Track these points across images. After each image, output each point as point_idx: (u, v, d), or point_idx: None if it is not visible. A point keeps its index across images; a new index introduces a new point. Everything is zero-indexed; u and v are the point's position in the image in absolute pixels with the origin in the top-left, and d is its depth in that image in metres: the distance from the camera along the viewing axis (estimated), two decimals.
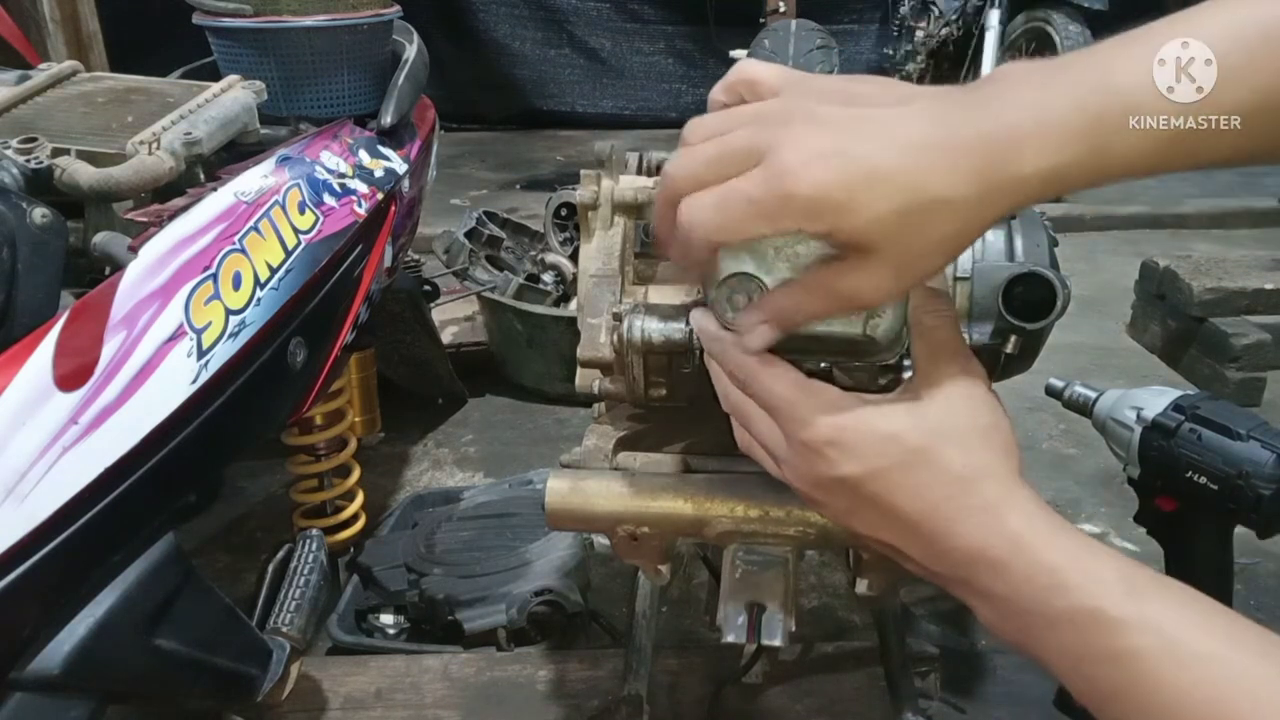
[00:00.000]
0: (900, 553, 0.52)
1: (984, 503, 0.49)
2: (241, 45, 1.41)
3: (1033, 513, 0.48)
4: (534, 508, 1.66)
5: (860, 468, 0.50)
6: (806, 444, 0.51)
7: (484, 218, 2.53)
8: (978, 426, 0.51)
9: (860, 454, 0.50)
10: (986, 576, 0.48)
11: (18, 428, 0.76)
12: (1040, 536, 0.47)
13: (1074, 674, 0.46)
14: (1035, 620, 0.46)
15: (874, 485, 0.50)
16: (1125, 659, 0.43)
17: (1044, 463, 2.08)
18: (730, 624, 0.66)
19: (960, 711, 1.26)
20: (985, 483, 0.49)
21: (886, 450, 0.50)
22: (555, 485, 0.68)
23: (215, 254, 0.99)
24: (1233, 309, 2.42)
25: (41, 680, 0.81)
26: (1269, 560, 1.73)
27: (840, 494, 0.51)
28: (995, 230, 0.78)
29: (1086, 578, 0.45)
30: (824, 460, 0.51)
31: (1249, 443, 0.96)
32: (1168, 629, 0.43)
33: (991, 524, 0.48)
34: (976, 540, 0.48)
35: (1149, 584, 0.45)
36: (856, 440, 0.50)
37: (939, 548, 0.49)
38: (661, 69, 5.58)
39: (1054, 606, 0.45)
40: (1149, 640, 0.43)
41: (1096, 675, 0.45)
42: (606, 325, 0.78)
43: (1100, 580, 0.45)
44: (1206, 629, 0.44)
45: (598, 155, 0.85)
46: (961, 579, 0.49)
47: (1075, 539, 0.47)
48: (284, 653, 1.08)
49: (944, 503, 0.49)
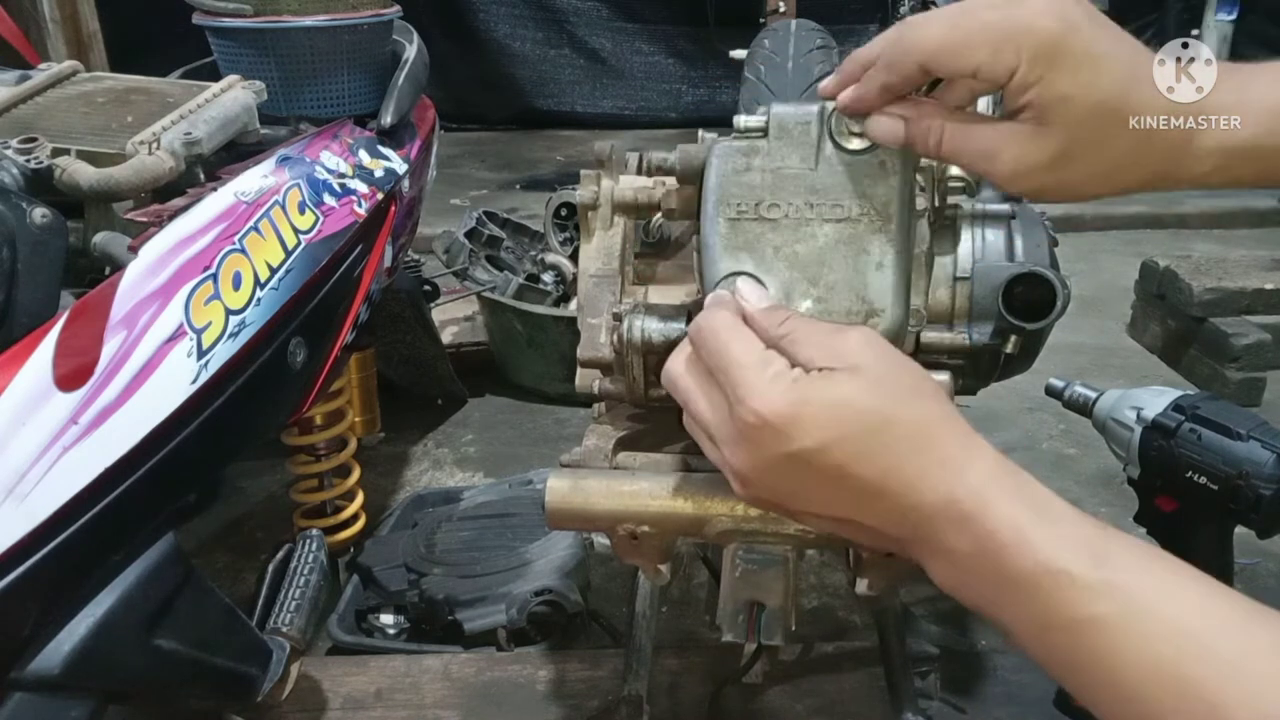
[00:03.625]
0: (855, 524, 0.50)
1: (944, 455, 0.47)
2: (241, 45, 1.41)
3: (995, 465, 0.47)
4: (534, 508, 1.66)
5: (818, 439, 0.48)
6: (759, 416, 0.48)
7: (484, 218, 2.53)
8: (908, 378, 0.50)
9: (817, 425, 0.48)
10: (949, 533, 0.46)
11: (18, 428, 0.76)
12: (1005, 491, 0.46)
13: (1035, 640, 0.44)
14: (996, 580, 0.45)
15: (834, 455, 0.48)
16: (1087, 627, 0.42)
17: (1044, 463, 2.08)
18: (730, 623, 0.66)
19: (960, 711, 1.26)
20: (942, 434, 0.48)
21: (844, 418, 0.48)
22: (555, 485, 0.68)
23: (215, 254, 0.99)
24: (1233, 309, 2.42)
25: (41, 680, 0.81)
26: (1269, 560, 1.73)
27: (790, 473, 0.49)
28: (995, 230, 0.78)
29: (1049, 538, 0.44)
30: (775, 435, 0.48)
31: (1249, 443, 0.96)
32: (1135, 598, 0.42)
33: (954, 477, 0.46)
34: (940, 494, 0.46)
35: (1119, 549, 0.44)
36: (812, 411, 0.48)
37: (902, 507, 0.47)
38: (661, 69, 5.57)
39: (1016, 567, 0.44)
40: (1114, 609, 0.42)
41: (1057, 643, 0.43)
42: (606, 325, 0.78)
43: (1063, 542, 0.44)
44: (1177, 599, 0.42)
45: (598, 155, 0.85)
46: (922, 538, 0.48)
47: (1040, 495, 0.46)
48: (284, 653, 1.08)
49: (905, 460, 0.47)
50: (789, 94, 1.32)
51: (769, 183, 0.61)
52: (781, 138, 0.61)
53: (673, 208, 0.74)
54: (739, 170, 0.61)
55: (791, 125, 0.61)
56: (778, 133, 0.61)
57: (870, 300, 0.59)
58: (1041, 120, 0.52)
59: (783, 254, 0.60)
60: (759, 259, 0.60)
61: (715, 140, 0.65)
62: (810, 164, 0.61)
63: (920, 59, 0.53)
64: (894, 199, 0.60)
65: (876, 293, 0.59)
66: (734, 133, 0.63)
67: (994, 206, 0.78)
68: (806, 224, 0.60)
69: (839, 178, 0.60)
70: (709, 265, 0.61)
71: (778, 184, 0.61)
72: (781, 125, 0.61)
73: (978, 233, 0.77)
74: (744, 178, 0.61)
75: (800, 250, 0.60)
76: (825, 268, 0.59)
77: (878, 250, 0.60)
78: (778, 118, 0.62)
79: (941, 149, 0.56)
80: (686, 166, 0.68)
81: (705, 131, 0.79)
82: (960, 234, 0.77)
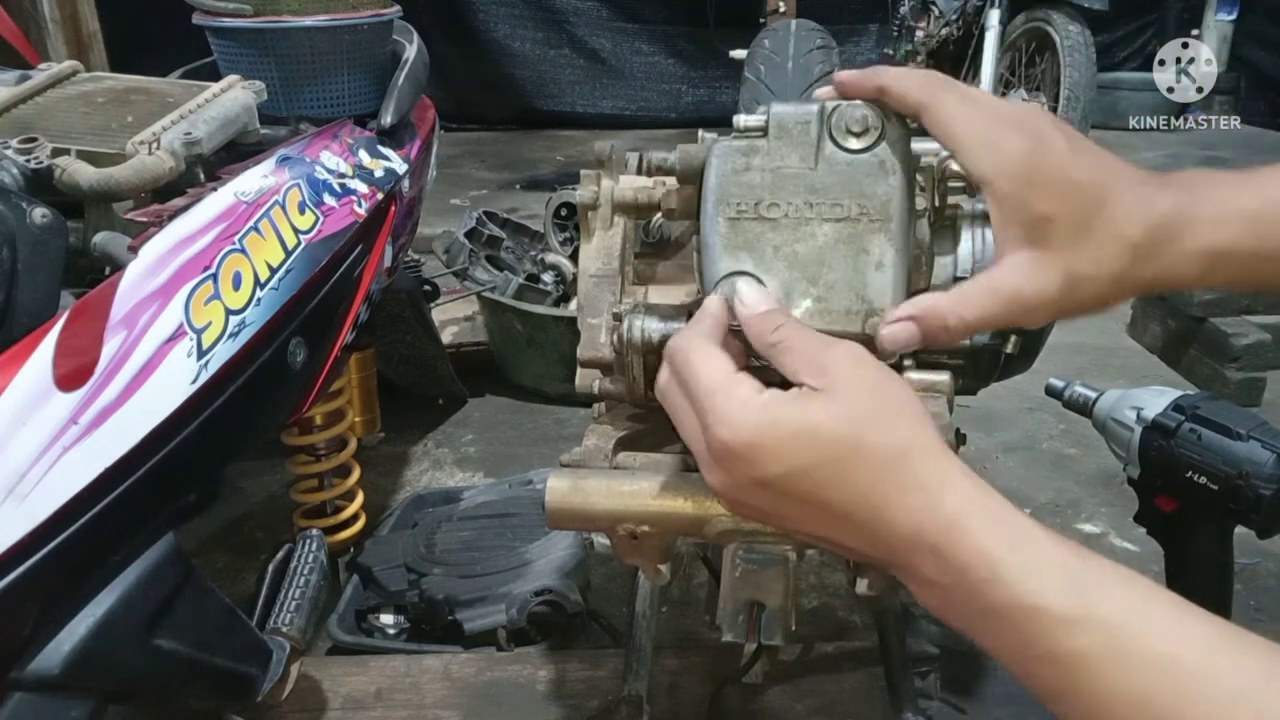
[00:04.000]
0: (839, 545, 0.50)
1: (915, 480, 0.47)
2: (241, 45, 1.41)
3: (968, 492, 0.46)
4: (534, 508, 1.66)
5: (784, 467, 0.48)
6: (725, 445, 0.49)
7: (484, 218, 2.53)
8: (890, 401, 0.49)
9: (782, 453, 0.48)
10: (925, 563, 0.46)
11: (18, 428, 0.76)
12: (976, 520, 0.45)
13: (1017, 669, 0.44)
14: (972, 612, 0.44)
15: (801, 483, 0.48)
16: (1068, 660, 0.41)
17: (1044, 463, 2.08)
18: (730, 623, 0.66)
19: (960, 711, 1.26)
20: (913, 459, 0.47)
21: (810, 445, 0.48)
22: (555, 485, 0.68)
23: (215, 254, 0.99)
24: (1233, 309, 2.42)
25: (41, 680, 0.81)
26: (1269, 560, 1.73)
27: (763, 496, 0.50)
28: None
29: (1026, 571, 0.43)
30: (743, 462, 0.49)
31: (1249, 443, 0.96)
32: (1115, 629, 0.41)
33: (925, 505, 0.46)
34: (912, 523, 0.46)
35: (1096, 577, 0.43)
36: (778, 438, 0.48)
37: (876, 535, 0.47)
38: (661, 69, 5.58)
39: (992, 600, 0.43)
40: (1094, 641, 0.41)
41: (1038, 674, 0.43)
42: (606, 325, 0.78)
43: (1040, 574, 0.43)
44: (1158, 629, 0.41)
45: (598, 155, 0.85)
46: (902, 564, 0.47)
47: (1015, 524, 0.45)
48: (284, 653, 1.08)
49: (874, 488, 0.47)
50: (789, 94, 1.32)
51: (769, 182, 0.61)
52: (781, 137, 0.61)
53: (673, 208, 0.74)
54: (739, 170, 0.61)
55: (791, 125, 0.61)
56: (777, 132, 0.61)
57: (870, 300, 0.59)
58: (1034, 245, 0.54)
59: (782, 253, 0.60)
60: (759, 258, 0.60)
61: (715, 140, 0.65)
62: (810, 163, 0.61)
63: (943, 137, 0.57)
64: (894, 198, 0.60)
65: (876, 292, 0.59)
66: (734, 132, 0.63)
67: None
68: (806, 223, 0.60)
69: (839, 177, 0.60)
70: (709, 265, 0.61)
71: (777, 183, 0.61)
72: (781, 125, 0.61)
73: (978, 233, 0.77)
74: (744, 177, 0.61)
75: (800, 250, 0.60)
76: (825, 267, 0.59)
77: (877, 250, 0.60)
78: (777, 117, 0.62)
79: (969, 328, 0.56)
80: (686, 166, 0.68)
81: (705, 131, 0.79)
82: (960, 234, 0.77)
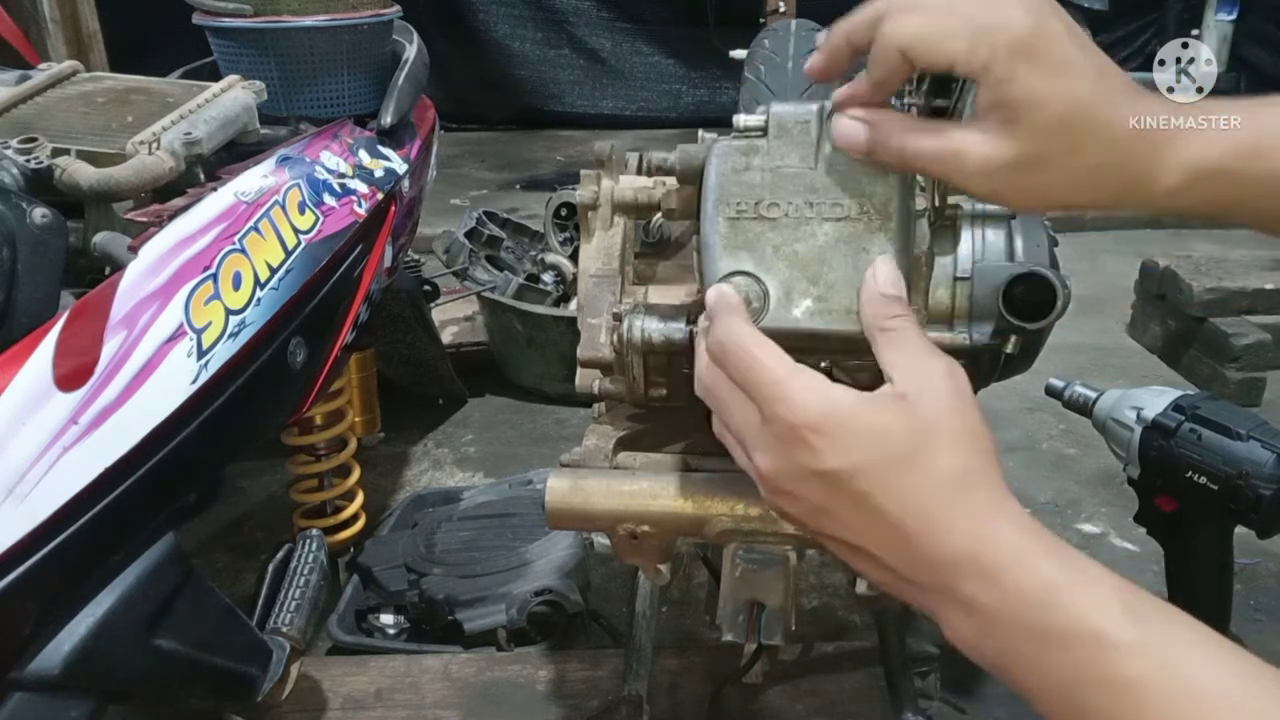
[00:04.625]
0: (872, 558, 0.49)
1: (976, 508, 0.46)
2: (241, 45, 1.41)
3: (1026, 524, 0.46)
4: (534, 508, 1.66)
5: (847, 461, 0.47)
6: (792, 428, 0.48)
7: (484, 218, 2.53)
8: (967, 429, 0.49)
9: (849, 446, 0.47)
10: (973, 585, 0.45)
11: (18, 428, 0.76)
12: (1036, 547, 0.45)
13: (1061, 700, 0.43)
14: (1023, 637, 0.44)
15: (860, 482, 0.47)
16: (1123, 686, 0.41)
17: (1044, 463, 2.08)
18: (730, 623, 0.66)
19: (960, 711, 1.26)
20: (977, 487, 0.47)
21: (878, 444, 0.47)
22: (555, 485, 0.68)
23: (215, 254, 0.99)
24: (1233, 309, 2.42)
25: (41, 680, 0.81)
26: (1269, 560, 1.73)
27: (816, 489, 0.48)
28: (995, 230, 0.78)
29: (1085, 595, 0.43)
30: (806, 449, 0.47)
31: (1249, 443, 0.96)
32: (1170, 657, 0.41)
33: (984, 530, 0.46)
34: (967, 545, 0.45)
35: (1148, 607, 0.43)
36: (846, 430, 0.47)
37: (923, 552, 0.47)
38: (661, 69, 5.57)
39: (1046, 623, 0.43)
40: (1150, 668, 0.41)
41: (1089, 702, 0.42)
42: (606, 325, 0.78)
43: (1099, 600, 0.43)
44: (1209, 659, 0.41)
45: (598, 155, 0.85)
46: (942, 587, 0.46)
47: (1072, 555, 0.45)
48: (284, 653, 1.08)
49: (934, 504, 0.46)
50: (789, 94, 1.32)
51: (768, 182, 0.61)
52: (781, 137, 0.61)
53: (673, 208, 0.74)
54: (738, 169, 0.61)
55: (791, 124, 0.61)
56: (777, 132, 0.61)
57: None
58: (1011, 120, 0.51)
59: (782, 253, 0.60)
60: (759, 258, 0.60)
61: (715, 140, 0.65)
62: (810, 163, 0.61)
63: (900, 46, 0.52)
64: (894, 198, 0.60)
65: None
66: (734, 132, 0.63)
67: (994, 207, 0.78)
68: (806, 223, 0.60)
69: (839, 177, 0.60)
70: (709, 265, 0.61)
71: (777, 183, 0.61)
72: (781, 124, 0.61)
73: (978, 233, 0.77)
74: (743, 177, 0.61)
75: (800, 249, 0.60)
76: (825, 267, 0.59)
77: (877, 249, 0.59)
78: (777, 117, 0.62)
79: (905, 153, 0.54)
80: (686, 166, 0.68)
81: (705, 131, 0.79)
82: (960, 234, 0.77)
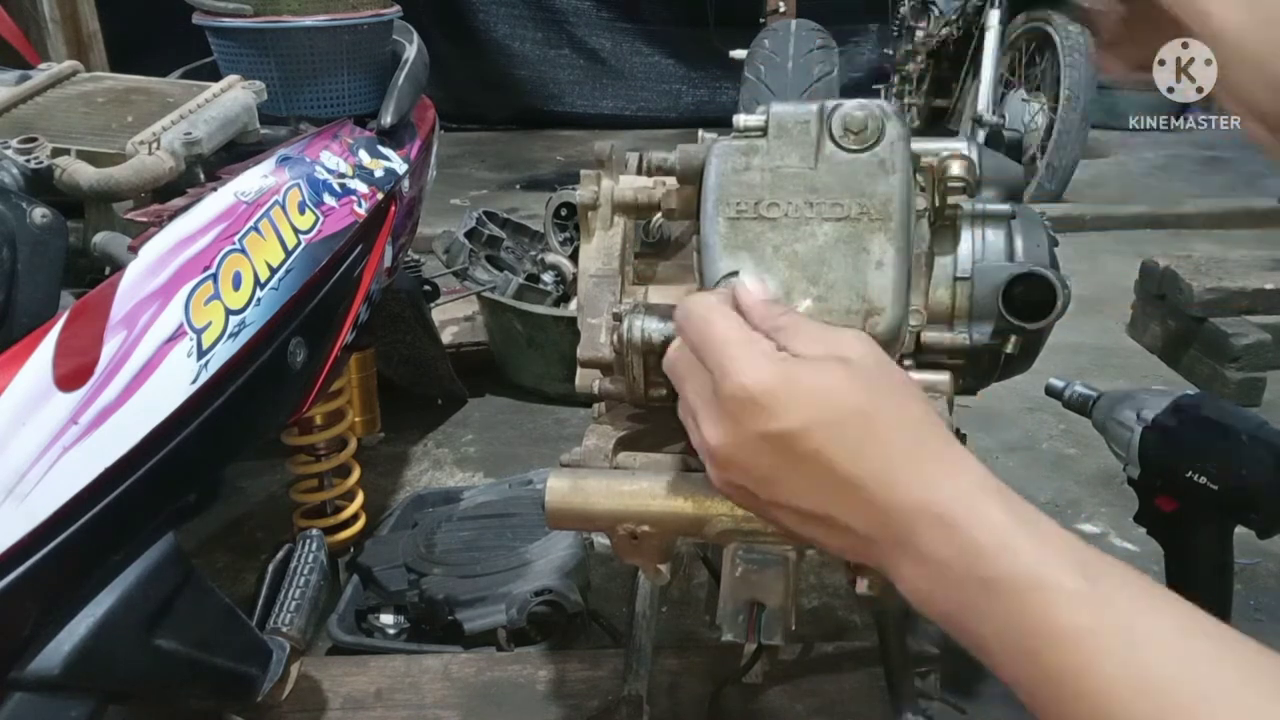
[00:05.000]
0: (826, 521, 0.49)
1: (928, 459, 0.47)
2: (241, 45, 1.41)
3: (980, 475, 0.46)
4: (534, 508, 1.66)
5: (797, 421, 0.47)
6: (742, 389, 0.48)
7: (484, 218, 2.53)
8: (900, 382, 0.50)
9: (799, 406, 0.47)
10: (929, 535, 0.45)
11: (18, 428, 0.76)
12: (989, 495, 0.45)
13: (1009, 651, 0.43)
14: (975, 587, 0.43)
15: (811, 440, 0.47)
16: (1073, 636, 0.41)
17: (1044, 463, 2.08)
18: (730, 623, 0.66)
19: (960, 711, 1.25)
20: (927, 436, 0.47)
21: (828, 403, 0.47)
22: (555, 485, 0.68)
23: (215, 254, 0.99)
24: (1233, 309, 2.42)
25: (41, 680, 0.81)
26: (1269, 560, 1.73)
27: (766, 455, 0.48)
28: (995, 230, 0.78)
29: (1037, 545, 0.43)
30: (757, 411, 0.47)
31: (1249, 442, 0.96)
32: (1120, 612, 0.41)
33: (937, 480, 0.46)
34: (920, 494, 0.45)
35: (1101, 562, 0.43)
36: (795, 391, 0.47)
37: (877, 503, 0.46)
38: (661, 70, 5.57)
39: (999, 572, 0.43)
40: (1100, 621, 0.41)
41: (1038, 652, 0.42)
42: (606, 325, 0.78)
43: (1051, 549, 0.43)
44: (1160, 615, 0.41)
45: (598, 155, 0.85)
46: (895, 539, 0.46)
47: (1026, 509, 0.45)
48: (284, 653, 1.08)
49: (885, 457, 0.46)
50: (789, 94, 1.32)
51: (768, 182, 0.61)
52: (781, 137, 0.61)
53: (673, 208, 0.74)
54: (738, 169, 0.61)
55: (791, 124, 0.61)
56: (777, 132, 0.61)
57: (870, 299, 0.59)
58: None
59: (782, 253, 0.60)
60: (759, 258, 0.60)
61: (715, 140, 0.65)
62: (810, 163, 0.61)
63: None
64: (894, 197, 0.60)
65: (876, 291, 0.59)
66: (734, 132, 0.63)
67: (994, 206, 0.78)
68: (806, 223, 0.60)
69: (838, 176, 0.60)
70: (709, 265, 0.61)
71: (777, 183, 0.61)
72: (781, 124, 0.61)
73: (978, 233, 0.77)
74: (743, 177, 0.61)
75: (800, 249, 0.60)
76: (825, 266, 0.59)
77: (877, 249, 0.60)
78: (777, 117, 0.62)
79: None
80: (686, 166, 0.68)
81: (705, 131, 0.79)
82: (960, 234, 0.77)
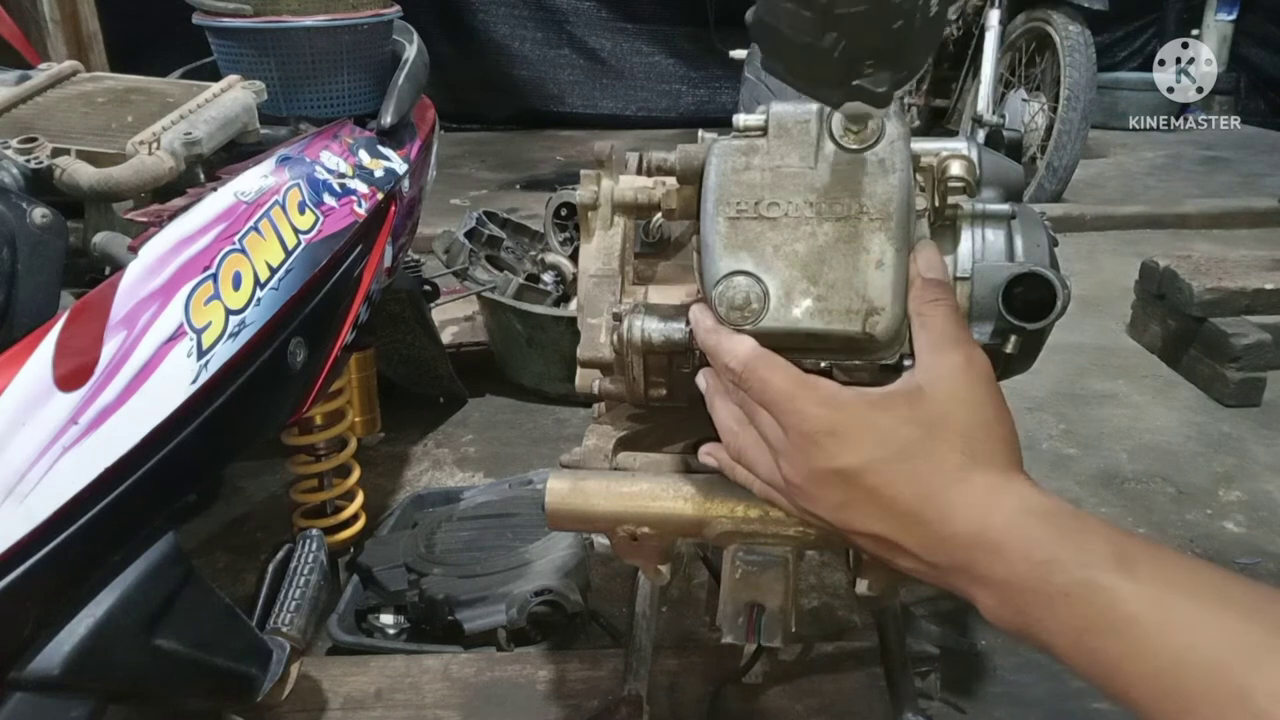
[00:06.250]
0: (897, 547, 0.52)
1: (979, 489, 0.50)
2: (241, 45, 1.41)
3: (1028, 495, 0.50)
4: (534, 508, 1.66)
5: (857, 459, 0.51)
6: (805, 435, 0.52)
7: (484, 218, 2.53)
8: (980, 419, 0.52)
9: (857, 445, 0.51)
10: (984, 561, 0.49)
11: (18, 428, 0.76)
12: (1034, 516, 0.48)
13: (1076, 650, 0.46)
14: (1034, 600, 0.47)
15: (871, 477, 0.51)
16: (1123, 627, 0.44)
17: (1044, 463, 2.08)
18: (730, 624, 0.66)
19: (960, 711, 1.26)
20: (984, 470, 0.50)
21: (884, 441, 0.51)
22: (555, 485, 0.68)
23: (215, 254, 0.99)
24: (1233, 309, 2.42)
25: (41, 680, 0.81)
26: (1269, 560, 1.73)
27: (836, 487, 0.52)
28: (995, 230, 0.78)
29: (1079, 551, 0.46)
30: (821, 451, 0.52)
31: None
32: (1160, 594, 0.44)
33: (988, 508, 0.49)
34: (974, 525, 0.49)
35: (1140, 551, 0.46)
36: (853, 431, 0.51)
37: (937, 536, 0.50)
38: (661, 70, 5.57)
39: (1050, 583, 0.46)
40: (1143, 607, 0.44)
41: (1098, 647, 0.45)
42: (606, 325, 0.78)
43: (1092, 552, 0.46)
44: (1197, 591, 0.44)
45: (598, 155, 0.85)
46: (960, 567, 0.50)
47: (1069, 516, 0.48)
48: (284, 653, 1.08)
49: (941, 490, 0.50)
50: (789, 94, 1.31)
51: (769, 181, 0.61)
52: (781, 136, 0.61)
53: (673, 208, 0.74)
54: (739, 169, 0.61)
55: (791, 124, 0.61)
56: (777, 131, 0.61)
57: (870, 299, 0.59)
58: None
59: (782, 252, 0.60)
60: (759, 258, 0.60)
61: (715, 140, 0.65)
62: (810, 162, 0.61)
63: None
64: (894, 197, 0.60)
65: (876, 291, 0.59)
66: (733, 132, 0.63)
67: (994, 207, 0.78)
68: (806, 222, 0.60)
69: (838, 176, 0.60)
70: (709, 264, 0.61)
71: (777, 183, 0.61)
72: (781, 124, 0.61)
73: (978, 233, 0.77)
74: (744, 176, 0.61)
75: (800, 249, 0.60)
76: (825, 266, 0.59)
77: (878, 248, 0.59)
78: (777, 116, 0.62)
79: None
80: (686, 166, 0.68)
81: (705, 131, 0.79)
82: (960, 234, 0.77)
